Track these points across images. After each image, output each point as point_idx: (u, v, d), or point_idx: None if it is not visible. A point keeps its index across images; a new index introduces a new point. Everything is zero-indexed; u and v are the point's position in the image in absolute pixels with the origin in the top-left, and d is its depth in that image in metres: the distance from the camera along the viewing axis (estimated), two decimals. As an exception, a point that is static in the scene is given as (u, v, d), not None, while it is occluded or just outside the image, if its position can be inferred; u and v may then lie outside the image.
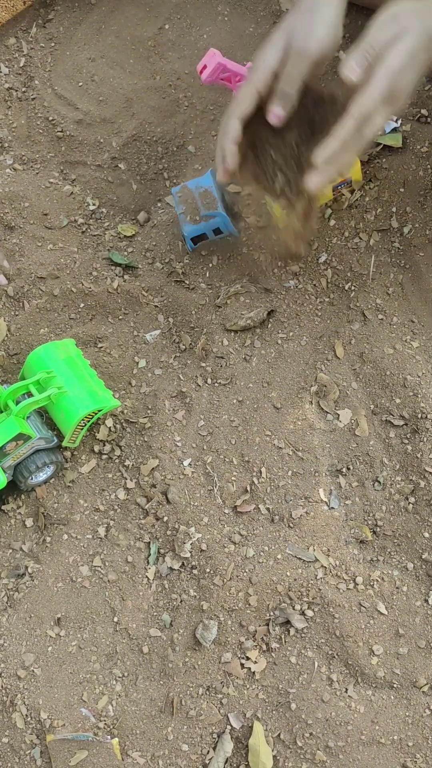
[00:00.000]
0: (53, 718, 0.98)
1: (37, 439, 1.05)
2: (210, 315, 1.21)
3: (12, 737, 0.98)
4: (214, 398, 1.16)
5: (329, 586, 1.03)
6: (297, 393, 1.15)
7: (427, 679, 0.99)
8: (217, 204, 1.23)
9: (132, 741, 0.98)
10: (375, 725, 0.97)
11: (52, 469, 1.09)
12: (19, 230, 1.32)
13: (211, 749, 0.97)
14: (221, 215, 1.22)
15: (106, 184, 1.38)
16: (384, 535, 1.06)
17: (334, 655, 1.00)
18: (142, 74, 1.45)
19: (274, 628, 1.02)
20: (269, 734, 0.97)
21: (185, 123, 1.41)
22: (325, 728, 0.96)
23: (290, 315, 1.20)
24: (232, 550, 1.05)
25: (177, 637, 1.02)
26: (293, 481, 1.09)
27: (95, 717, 0.98)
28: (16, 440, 1.04)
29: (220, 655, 1.01)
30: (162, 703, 1.00)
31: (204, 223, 1.23)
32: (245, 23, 1.45)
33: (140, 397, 1.17)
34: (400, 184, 1.27)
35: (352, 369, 1.16)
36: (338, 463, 1.11)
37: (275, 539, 1.06)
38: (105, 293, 1.26)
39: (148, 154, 1.40)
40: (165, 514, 1.07)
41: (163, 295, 1.25)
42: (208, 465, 1.11)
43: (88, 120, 1.42)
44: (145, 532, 1.08)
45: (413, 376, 1.12)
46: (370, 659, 1.00)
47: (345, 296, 1.21)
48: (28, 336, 1.22)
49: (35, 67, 1.45)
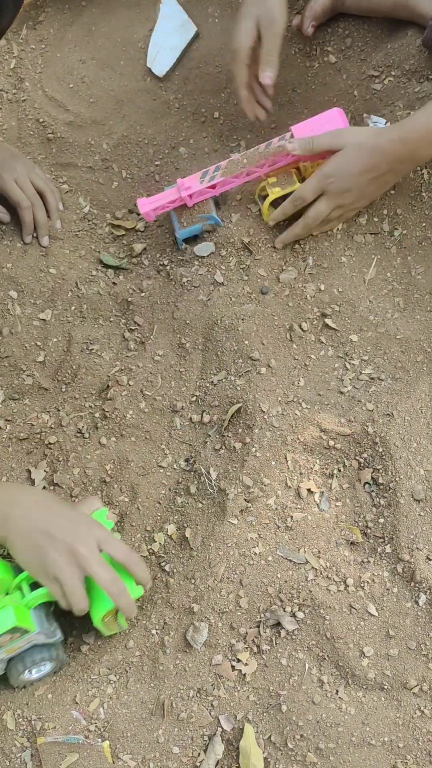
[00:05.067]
0: (44, 721, 0.98)
1: (36, 633, 0.95)
2: (202, 312, 1.22)
3: (2, 740, 0.97)
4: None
5: (320, 588, 1.03)
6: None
7: (418, 681, 0.99)
8: (212, 208, 1.23)
9: (123, 744, 0.97)
10: (365, 727, 0.97)
11: (49, 667, 0.99)
12: (10, 232, 1.32)
13: (202, 752, 0.97)
14: (212, 218, 1.22)
15: (97, 186, 1.38)
16: (374, 537, 1.07)
17: (324, 657, 1.00)
18: (132, 76, 1.45)
19: (264, 630, 1.02)
20: (260, 736, 0.97)
21: (176, 124, 1.41)
22: (316, 730, 0.96)
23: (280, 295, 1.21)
24: (222, 552, 1.05)
25: (168, 639, 1.02)
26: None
27: (86, 719, 0.98)
28: (11, 633, 0.92)
29: (210, 657, 1.01)
30: (153, 706, 0.99)
31: (195, 227, 1.24)
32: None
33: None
34: (391, 186, 1.27)
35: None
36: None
37: (266, 541, 1.06)
38: (96, 295, 1.26)
39: (139, 156, 1.40)
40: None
41: (153, 296, 1.25)
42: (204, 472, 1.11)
43: (79, 122, 1.42)
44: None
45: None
46: (360, 661, 1.00)
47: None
48: (20, 340, 1.22)
49: (26, 69, 1.45)
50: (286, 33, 1.37)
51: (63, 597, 0.94)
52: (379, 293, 1.22)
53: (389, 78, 1.34)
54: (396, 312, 1.20)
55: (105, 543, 0.95)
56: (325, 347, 1.18)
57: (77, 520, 0.96)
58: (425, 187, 1.26)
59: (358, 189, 1.17)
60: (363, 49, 1.40)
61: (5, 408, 1.19)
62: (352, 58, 1.39)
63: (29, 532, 0.93)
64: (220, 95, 1.42)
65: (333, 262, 1.23)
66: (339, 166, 1.15)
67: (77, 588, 0.93)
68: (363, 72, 1.37)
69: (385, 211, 1.26)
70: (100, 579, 0.93)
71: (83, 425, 1.17)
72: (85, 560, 0.92)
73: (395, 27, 1.38)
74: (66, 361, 1.21)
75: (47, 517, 0.95)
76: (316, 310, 1.20)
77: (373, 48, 1.39)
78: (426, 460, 1.08)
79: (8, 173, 1.27)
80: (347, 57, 1.39)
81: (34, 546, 0.93)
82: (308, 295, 1.21)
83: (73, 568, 0.93)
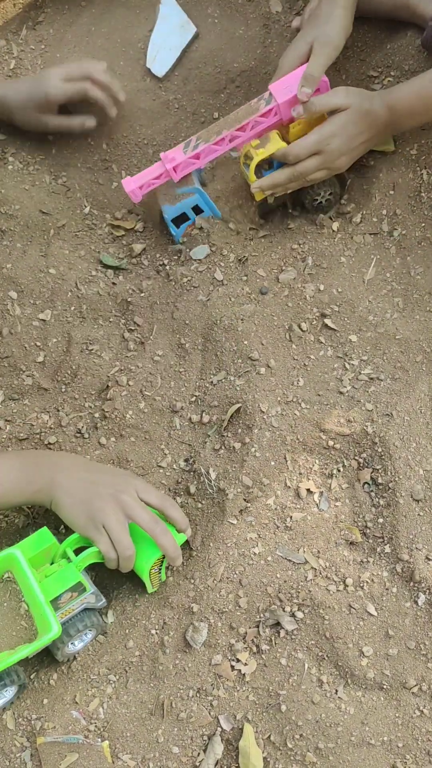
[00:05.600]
0: (44, 721, 0.98)
1: (90, 593, 0.98)
2: (201, 313, 1.22)
3: (2, 740, 0.97)
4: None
5: (319, 588, 1.03)
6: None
7: (417, 680, 0.99)
8: (194, 180, 1.22)
9: (122, 743, 0.98)
10: (365, 726, 0.97)
11: (91, 636, 1.01)
12: (9, 233, 1.32)
13: (202, 751, 0.97)
14: (198, 190, 1.21)
15: (97, 186, 1.38)
16: (374, 537, 1.07)
17: (324, 657, 1.00)
18: (132, 76, 1.45)
19: (264, 630, 1.02)
20: (259, 736, 0.97)
21: (176, 125, 1.41)
22: (315, 730, 0.96)
23: (282, 302, 1.21)
24: (222, 552, 1.05)
25: (167, 639, 1.02)
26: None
27: (86, 719, 0.98)
28: (72, 591, 0.98)
29: (210, 657, 1.01)
30: (152, 706, 1.00)
31: (182, 203, 1.23)
32: (235, 25, 1.46)
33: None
34: (390, 186, 1.27)
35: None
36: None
37: (266, 541, 1.06)
38: (96, 295, 1.26)
39: (139, 156, 1.40)
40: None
41: (153, 296, 1.25)
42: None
43: (79, 122, 1.42)
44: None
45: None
46: (359, 660, 1.00)
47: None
48: (19, 340, 1.22)
49: (25, 70, 1.45)
50: (286, 34, 1.38)
51: (111, 548, 0.98)
52: (378, 293, 1.22)
53: (389, 78, 1.34)
54: (395, 312, 1.21)
55: (142, 491, 1.01)
56: (324, 347, 1.18)
57: (116, 473, 1.05)
58: (424, 187, 1.26)
59: (350, 151, 1.19)
60: (362, 50, 1.40)
61: (5, 408, 1.19)
62: (352, 58, 1.40)
63: (75, 488, 1.00)
64: (219, 96, 1.42)
65: (332, 263, 1.24)
66: (341, 128, 1.16)
67: (124, 534, 0.98)
68: (362, 72, 1.37)
69: (384, 211, 1.26)
70: (144, 521, 0.99)
71: (83, 425, 1.18)
72: (128, 506, 0.99)
73: (395, 28, 1.38)
74: (66, 362, 1.22)
75: (89, 473, 1.02)
76: (315, 311, 1.20)
77: (373, 48, 1.39)
78: (425, 460, 1.08)
79: None
80: (347, 57, 1.39)
81: (80, 500, 0.99)
82: (307, 295, 1.21)
83: (119, 515, 0.99)
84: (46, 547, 1.00)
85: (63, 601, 0.97)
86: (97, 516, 0.98)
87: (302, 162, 1.18)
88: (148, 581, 1.02)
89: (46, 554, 1.01)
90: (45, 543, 1.01)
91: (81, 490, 1.00)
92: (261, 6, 1.46)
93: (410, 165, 1.28)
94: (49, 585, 0.98)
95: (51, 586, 0.98)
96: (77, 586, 0.98)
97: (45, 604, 0.95)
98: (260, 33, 1.44)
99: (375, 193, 1.27)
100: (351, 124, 1.16)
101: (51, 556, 1.02)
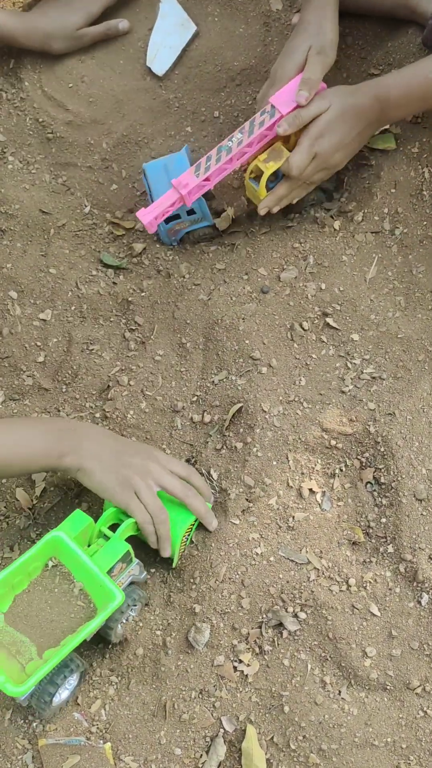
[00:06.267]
0: (45, 722, 0.98)
1: (135, 564, 1.01)
2: (202, 312, 1.21)
3: (3, 742, 0.97)
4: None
5: (322, 588, 1.02)
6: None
7: (420, 681, 0.99)
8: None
9: (125, 745, 0.97)
10: (368, 727, 0.97)
11: (135, 612, 1.03)
12: (10, 232, 1.32)
13: (204, 753, 0.97)
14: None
15: (97, 186, 1.38)
16: (376, 537, 1.06)
17: (327, 658, 1.00)
18: (132, 75, 1.45)
19: (266, 631, 1.01)
20: (262, 737, 0.97)
21: (176, 124, 1.41)
22: (319, 731, 0.96)
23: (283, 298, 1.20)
24: (224, 553, 1.05)
25: (169, 640, 1.02)
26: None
27: (87, 721, 0.98)
28: (122, 561, 0.99)
29: (212, 658, 1.01)
30: (155, 707, 0.99)
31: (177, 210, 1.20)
32: (235, 24, 1.45)
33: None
34: (392, 185, 1.27)
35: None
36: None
37: (268, 541, 1.06)
38: (96, 295, 1.26)
39: (139, 156, 1.40)
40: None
41: (153, 296, 1.25)
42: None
43: (78, 121, 1.41)
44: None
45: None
46: (363, 661, 0.99)
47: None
48: (20, 340, 1.22)
49: (25, 69, 1.44)
50: (286, 32, 1.37)
51: (145, 513, 0.99)
52: (380, 292, 1.22)
53: (389, 76, 1.33)
54: (397, 311, 1.20)
55: (166, 461, 1.04)
56: (326, 346, 1.18)
57: (139, 444, 1.08)
58: (426, 185, 1.26)
59: (343, 147, 1.18)
60: (363, 48, 1.40)
61: (5, 408, 1.18)
62: (353, 56, 1.39)
63: (103, 455, 1.01)
64: (219, 94, 1.42)
65: (334, 261, 1.23)
66: (326, 127, 1.16)
67: (156, 499, 1.00)
68: (363, 70, 1.37)
69: (385, 209, 1.26)
70: (174, 487, 1.01)
71: (84, 425, 1.17)
72: (157, 473, 1.01)
73: (395, 26, 1.38)
74: (66, 362, 1.21)
75: (116, 442, 1.04)
76: (317, 309, 1.20)
77: (374, 46, 1.39)
78: (428, 459, 1.08)
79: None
80: (347, 55, 1.39)
81: (110, 466, 1.00)
82: (309, 294, 1.20)
83: (148, 481, 1.00)
84: (84, 528, 1.00)
85: (115, 573, 0.98)
86: (129, 482, 0.99)
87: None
88: (177, 552, 1.03)
89: (83, 535, 1.01)
90: (83, 523, 1.00)
91: (110, 457, 1.01)
92: (261, 4, 1.46)
93: (412, 163, 1.27)
94: (100, 558, 0.97)
95: (103, 559, 0.97)
96: (126, 555, 0.99)
97: (103, 575, 0.95)
98: (260, 31, 1.44)
99: (376, 191, 1.27)
100: (336, 121, 1.16)
101: (88, 537, 1.02)
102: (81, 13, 1.41)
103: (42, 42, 1.41)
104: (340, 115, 1.16)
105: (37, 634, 0.95)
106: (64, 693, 0.96)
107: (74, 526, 1.00)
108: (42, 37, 1.40)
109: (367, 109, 1.17)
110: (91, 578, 0.96)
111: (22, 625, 0.96)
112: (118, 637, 1.00)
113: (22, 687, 0.89)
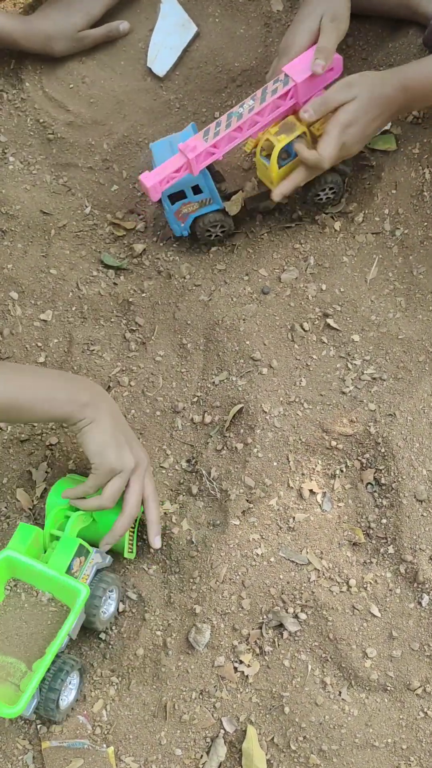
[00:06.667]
0: (49, 724, 0.98)
1: (95, 553, 1.01)
2: (203, 313, 1.21)
3: (4, 742, 0.97)
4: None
5: (322, 589, 1.02)
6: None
7: (421, 682, 0.99)
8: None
9: (125, 746, 0.97)
10: (369, 728, 0.97)
11: (115, 595, 1.02)
12: (10, 233, 1.32)
13: (205, 754, 0.97)
14: (203, 171, 1.15)
15: (98, 186, 1.38)
16: (377, 538, 1.06)
17: (327, 658, 1.00)
18: (132, 76, 1.45)
19: (267, 632, 1.01)
20: (263, 738, 0.97)
21: (177, 124, 1.41)
22: (319, 732, 0.96)
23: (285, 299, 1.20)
24: (224, 553, 1.05)
25: (170, 641, 1.02)
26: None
27: (91, 723, 0.98)
28: (78, 556, 0.98)
29: (213, 658, 1.01)
30: (155, 708, 0.99)
31: (183, 178, 1.15)
32: (236, 24, 1.45)
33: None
34: (392, 186, 1.27)
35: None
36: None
37: (268, 542, 1.06)
38: (97, 296, 1.26)
39: (140, 157, 1.40)
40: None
41: (154, 296, 1.25)
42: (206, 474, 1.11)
43: (79, 122, 1.41)
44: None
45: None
46: (363, 662, 0.99)
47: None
48: (21, 341, 1.22)
49: (26, 69, 1.45)
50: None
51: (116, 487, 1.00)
52: (380, 293, 1.22)
53: (390, 77, 1.33)
54: (398, 312, 1.20)
55: (149, 474, 1.06)
56: (326, 347, 1.18)
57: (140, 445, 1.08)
58: (427, 186, 1.26)
59: (365, 138, 1.17)
60: (364, 48, 1.40)
61: (6, 409, 1.18)
62: (354, 57, 1.39)
63: (117, 418, 1.02)
64: (220, 95, 1.42)
65: (334, 262, 1.23)
66: (355, 117, 1.13)
67: (118, 490, 1.01)
68: (364, 71, 1.37)
69: (386, 210, 1.26)
70: (148, 486, 1.04)
71: (84, 426, 1.17)
72: (144, 469, 1.03)
73: (396, 26, 1.38)
74: (67, 362, 1.21)
75: (125, 424, 1.05)
76: (317, 310, 1.20)
77: (375, 47, 1.39)
78: (429, 460, 1.08)
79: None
80: (348, 56, 1.39)
81: (117, 432, 1.01)
82: (310, 295, 1.20)
83: (139, 471, 1.03)
84: (32, 538, 1.00)
85: (75, 570, 0.98)
86: (123, 457, 1.00)
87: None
88: (125, 542, 1.04)
89: (35, 545, 1.01)
90: (30, 534, 1.00)
91: (121, 426, 1.02)
92: (262, 5, 1.46)
93: (412, 164, 1.27)
94: (55, 560, 0.97)
95: (58, 560, 0.97)
96: (80, 549, 0.99)
97: (62, 575, 0.96)
98: (261, 32, 1.44)
99: (377, 192, 1.27)
100: (364, 111, 1.13)
101: (41, 545, 1.02)
102: (82, 14, 1.41)
103: (43, 44, 1.41)
104: (367, 104, 1.14)
105: (21, 651, 0.96)
106: (69, 694, 0.97)
107: (23, 539, 1.00)
108: (43, 39, 1.40)
109: (392, 100, 1.16)
110: (53, 582, 0.97)
111: (5, 648, 0.96)
112: (104, 624, 1.01)
113: (16, 707, 0.90)
